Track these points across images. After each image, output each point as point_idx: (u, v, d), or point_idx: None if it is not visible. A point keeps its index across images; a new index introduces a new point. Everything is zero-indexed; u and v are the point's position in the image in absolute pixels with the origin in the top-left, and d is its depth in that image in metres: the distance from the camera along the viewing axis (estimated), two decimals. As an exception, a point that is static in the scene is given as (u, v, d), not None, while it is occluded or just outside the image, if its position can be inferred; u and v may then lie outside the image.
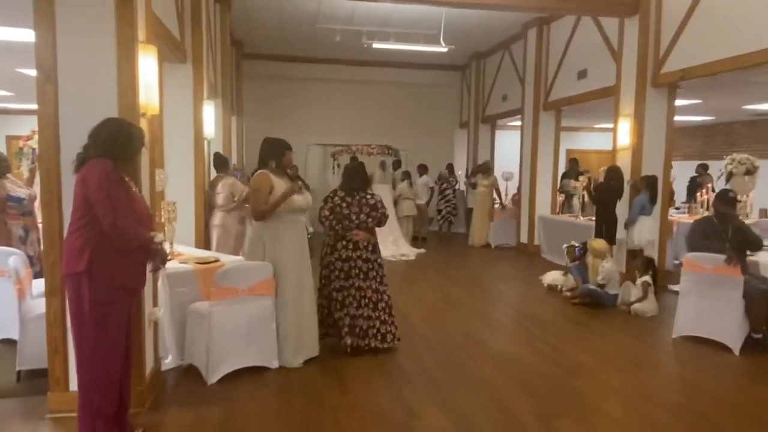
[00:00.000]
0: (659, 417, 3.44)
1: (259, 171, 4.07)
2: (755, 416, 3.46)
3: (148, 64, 3.28)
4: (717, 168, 7.73)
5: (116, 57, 3.04)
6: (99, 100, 3.03)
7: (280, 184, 4.04)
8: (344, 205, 4.38)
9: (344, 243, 4.35)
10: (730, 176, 7.00)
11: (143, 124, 3.26)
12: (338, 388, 3.76)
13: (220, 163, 6.56)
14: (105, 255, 2.64)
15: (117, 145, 2.68)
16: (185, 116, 5.69)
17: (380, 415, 3.37)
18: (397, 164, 10.60)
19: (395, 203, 10.02)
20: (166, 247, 3.95)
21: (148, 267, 2.87)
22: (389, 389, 3.76)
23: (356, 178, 4.47)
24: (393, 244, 9.24)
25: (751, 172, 6.88)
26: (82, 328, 2.69)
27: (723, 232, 4.72)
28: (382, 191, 9.48)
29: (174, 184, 5.31)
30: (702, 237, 4.77)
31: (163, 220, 4.31)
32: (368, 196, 4.45)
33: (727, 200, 4.83)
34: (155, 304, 3.62)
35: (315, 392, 3.68)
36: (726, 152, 6.92)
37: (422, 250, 9.53)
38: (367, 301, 4.34)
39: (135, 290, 2.91)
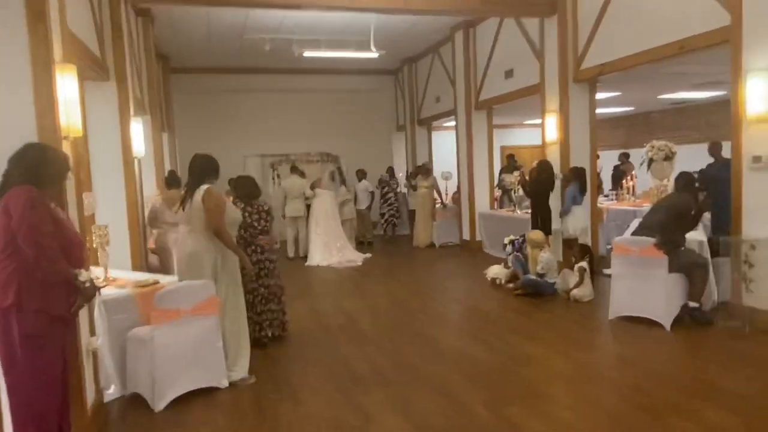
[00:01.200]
0: (602, 395, 3.62)
1: (211, 187, 4.03)
2: (687, 386, 3.71)
3: (67, 84, 3.15)
4: (639, 155, 8.20)
5: (32, 79, 2.90)
6: (16, 125, 2.87)
7: (229, 203, 4.19)
8: (246, 214, 4.71)
9: (253, 248, 4.74)
10: (650, 163, 7.44)
11: (66, 147, 3.12)
12: (291, 400, 3.73)
13: (173, 180, 6.48)
14: (34, 285, 2.52)
15: (41, 170, 2.57)
16: (112, 135, 5.49)
17: (336, 423, 3.37)
18: (338, 171, 10.63)
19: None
20: (98, 276, 3.81)
21: (76, 304, 2.70)
22: (343, 396, 3.76)
23: (251, 187, 4.95)
24: (339, 252, 9.23)
25: (669, 158, 7.31)
26: (14, 365, 2.55)
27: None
28: (327, 197, 9.48)
29: (104, 207, 5.11)
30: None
31: (95, 245, 4.14)
32: (262, 204, 4.94)
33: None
34: (93, 333, 3.47)
35: (268, 408, 3.64)
36: (646, 140, 7.33)
37: (368, 255, 9.57)
38: (272, 296, 4.84)
39: (69, 320, 2.78)
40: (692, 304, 4.85)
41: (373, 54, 9.58)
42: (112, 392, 3.80)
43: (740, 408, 3.32)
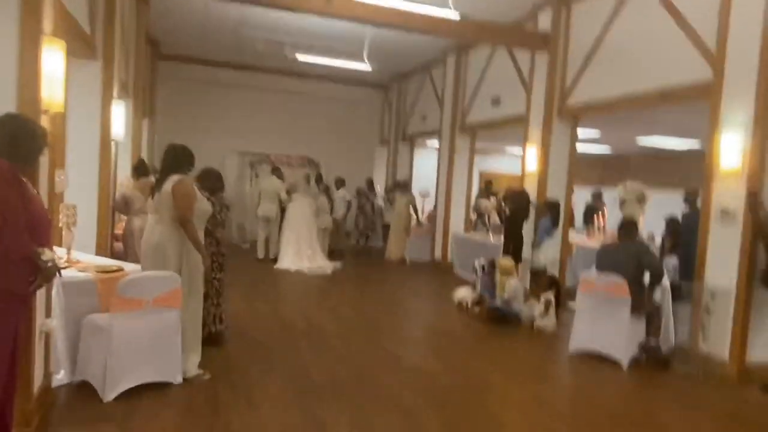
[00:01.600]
0: (555, 427, 3.66)
1: (183, 177, 3.99)
2: (636, 423, 3.79)
3: (53, 58, 3.08)
4: (612, 195, 8.41)
5: (18, 49, 2.83)
6: (-4, 94, 2.80)
7: (200, 195, 4.11)
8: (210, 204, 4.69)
9: (210, 240, 4.63)
10: (623, 203, 7.63)
11: (45, 121, 3.05)
12: (247, 404, 3.67)
13: (142, 169, 6.35)
14: (-9, 260, 2.43)
15: (17, 143, 2.49)
16: (92, 115, 5.36)
17: (290, 431, 3.32)
18: (319, 178, 10.58)
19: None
20: (60, 256, 3.70)
21: (35, 282, 2.62)
22: (300, 405, 3.72)
23: (216, 180, 4.90)
24: (309, 258, 9.15)
25: (641, 200, 7.54)
26: (-39, 340, 2.45)
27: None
28: (302, 203, 9.41)
29: (75, 187, 4.98)
30: None
31: (61, 224, 4.03)
32: (224, 196, 5.01)
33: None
34: (48, 314, 3.36)
35: (222, 409, 3.56)
36: (621, 181, 7.53)
37: (339, 264, 9.52)
38: (221, 291, 4.85)
39: (26, 299, 2.69)
40: (653, 340, 4.98)
41: (366, 66, 9.64)
42: (60, 377, 3.68)
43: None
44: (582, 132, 8.04)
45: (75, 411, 3.38)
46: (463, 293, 7.12)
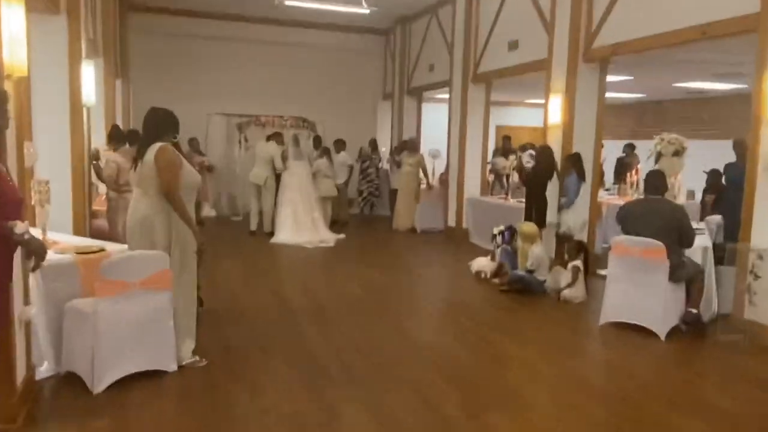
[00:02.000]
0: (586, 405, 3.73)
1: (165, 144, 3.97)
2: (676, 400, 3.85)
3: (12, 14, 3.05)
4: (646, 148, 8.34)
5: (-28, 6, 2.81)
6: (-50, 58, 2.79)
7: (186, 164, 4.09)
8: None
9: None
10: (659, 157, 7.57)
11: (8, 87, 3.04)
12: (249, 391, 3.75)
13: (118, 137, 6.40)
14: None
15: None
16: (59, 78, 5.33)
17: (297, 418, 3.41)
18: (317, 142, 10.47)
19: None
20: (37, 235, 3.74)
21: (29, 264, 2.68)
22: (308, 390, 3.80)
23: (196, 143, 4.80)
24: (310, 229, 9.18)
25: (679, 152, 7.45)
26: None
27: None
28: (298, 169, 9.38)
29: (45, 159, 4.99)
30: None
31: (33, 202, 4.06)
32: (201, 159, 4.79)
33: None
34: (27, 302, 3.42)
35: (221, 397, 3.65)
36: (656, 132, 7.45)
37: (342, 236, 9.56)
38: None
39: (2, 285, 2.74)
40: (693, 311, 5.02)
41: (364, 10, 9.48)
42: (44, 369, 3.76)
43: (729, 428, 3.45)
44: (615, 77, 7.94)
45: (62, 405, 3.48)
46: (482, 263, 7.17)
